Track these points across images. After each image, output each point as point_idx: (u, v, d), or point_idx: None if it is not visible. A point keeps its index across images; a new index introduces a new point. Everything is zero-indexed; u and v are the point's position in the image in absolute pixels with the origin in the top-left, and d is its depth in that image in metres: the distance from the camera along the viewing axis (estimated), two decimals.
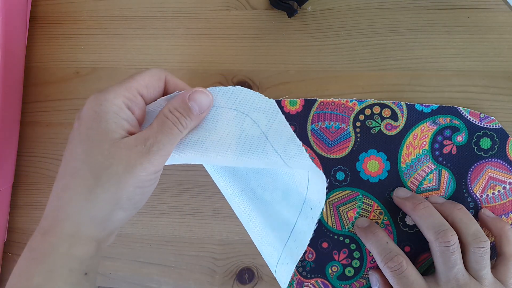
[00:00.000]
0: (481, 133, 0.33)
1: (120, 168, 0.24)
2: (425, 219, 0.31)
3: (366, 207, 0.34)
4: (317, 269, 0.35)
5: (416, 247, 0.34)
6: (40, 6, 0.38)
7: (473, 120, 0.33)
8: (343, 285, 0.35)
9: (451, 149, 0.34)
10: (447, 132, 0.34)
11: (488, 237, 0.30)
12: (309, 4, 0.36)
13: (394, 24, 0.35)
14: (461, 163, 0.34)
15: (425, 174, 0.34)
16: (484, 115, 0.33)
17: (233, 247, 0.36)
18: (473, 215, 0.32)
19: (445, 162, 0.34)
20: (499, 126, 0.33)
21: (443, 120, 0.34)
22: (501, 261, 0.31)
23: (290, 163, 0.27)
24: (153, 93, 0.27)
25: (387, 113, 0.34)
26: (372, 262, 0.34)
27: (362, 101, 0.34)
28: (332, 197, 0.35)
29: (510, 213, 0.33)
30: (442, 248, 0.29)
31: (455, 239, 0.29)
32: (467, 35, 0.34)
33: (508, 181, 0.33)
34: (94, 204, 0.24)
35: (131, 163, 0.24)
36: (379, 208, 0.34)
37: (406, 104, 0.34)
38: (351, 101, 0.34)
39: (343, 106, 0.34)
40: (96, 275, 0.26)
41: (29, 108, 0.38)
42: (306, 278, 0.35)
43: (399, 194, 0.33)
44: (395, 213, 0.34)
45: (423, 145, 0.34)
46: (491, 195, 0.33)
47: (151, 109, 0.27)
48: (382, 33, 0.35)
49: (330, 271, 0.35)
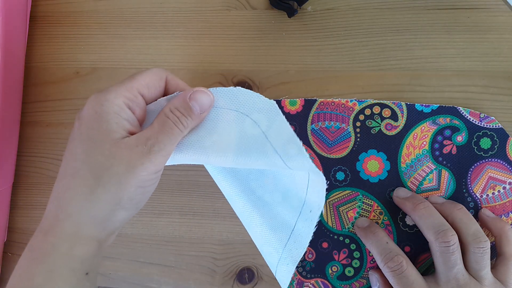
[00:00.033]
0: (481, 133, 0.33)
1: (121, 168, 0.24)
2: (425, 219, 0.31)
3: (366, 207, 0.34)
4: (317, 269, 0.35)
5: (416, 247, 0.34)
6: (40, 6, 0.38)
7: (473, 120, 0.33)
8: (343, 285, 0.35)
9: (451, 149, 0.34)
10: (447, 132, 0.34)
11: (488, 237, 0.30)
12: (309, 4, 0.36)
13: (394, 24, 0.35)
14: (461, 163, 0.34)
15: (425, 174, 0.34)
16: (484, 115, 0.33)
17: (233, 247, 0.36)
18: (473, 215, 0.32)
19: (445, 162, 0.34)
20: (499, 126, 0.33)
21: (443, 120, 0.34)
22: (501, 261, 0.31)
23: (290, 163, 0.27)
24: (154, 92, 0.27)
25: (387, 113, 0.34)
26: (372, 262, 0.34)
27: (362, 101, 0.34)
28: (332, 197, 0.35)
29: (510, 213, 0.33)
30: (442, 248, 0.29)
31: (455, 239, 0.29)
32: (467, 35, 0.34)
33: (508, 181, 0.33)
34: (95, 204, 0.24)
35: (132, 163, 0.24)
36: (379, 208, 0.34)
37: (406, 104, 0.34)
38: (351, 101, 0.34)
39: (343, 106, 0.34)
40: (97, 274, 0.26)
41: (29, 108, 0.38)
42: (306, 278, 0.35)
43: (399, 194, 0.33)
44: (395, 213, 0.34)
45: (423, 145, 0.34)
46: (491, 195, 0.33)
47: (152, 108, 0.27)
48: (382, 33, 0.35)
49: (330, 271, 0.35)
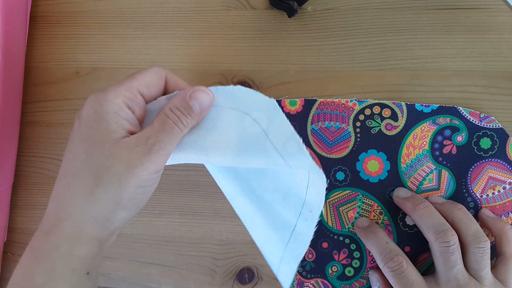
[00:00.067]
0: (481, 133, 0.33)
1: (121, 168, 0.24)
2: (425, 219, 0.31)
3: (366, 207, 0.34)
4: (317, 269, 0.35)
5: (416, 247, 0.34)
6: (40, 6, 0.38)
7: (473, 120, 0.33)
8: (343, 285, 0.35)
9: (451, 149, 0.34)
10: (447, 132, 0.34)
11: (488, 237, 0.30)
12: (309, 4, 0.36)
13: (394, 24, 0.35)
14: (461, 163, 0.34)
15: (425, 174, 0.34)
16: (484, 115, 0.33)
17: (233, 247, 0.36)
18: (473, 215, 0.32)
19: (445, 162, 0.34)
20: (499, 126, 0.33)
21: (443, 120, 0.34)
22: (501, 261, 0.31)
23: (290, 162, 0.27)
24: (153, 92, 0.27)
25: (387, 113, 0.34)
26: (372, 262, 0.34)
27: (362, 101, 0.34)
28: (332, 197, 0.35)
29: (510, 213, 0.33)
30: (442, 248, 0.29)
31: (455, 239, 0.29)
32: (467, 35, 0.34)
33: (508, 181, 0.33)
34: (95, 204, 0.24)
35: (132, 163, 0.24)
36: (379, 208, 0.34)
37: (406, 104, 0.34)
38: (351, 101, 0.34)
39: (343, 106, 0.34)
40: (98, 274, 0.26)
41: (29, 108, 0.38)
42: (306, 278, 0.35)
43: (399, 194, 0.33)
44: (395, 213, 0.34)
45: (423, 145, 0.34)
46: (491, 195, 0.33)
47: (151, 108, 0.27)
48: (382, 33, 0.35)
49: (330, 271, 0.35)
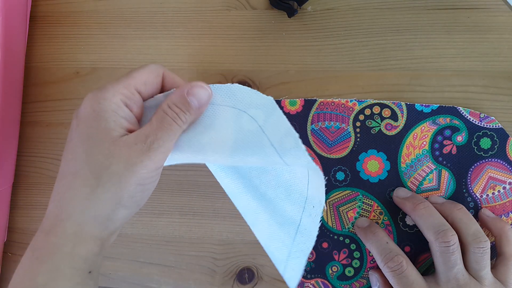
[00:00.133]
0: (481, 133, 0.33)
1: (121, 166, 0.24)
2: (425, 219, 0.31)
3: (366, 207, 0.34)
4: (317, 269, 0.35)
5: (416, 247, 0.34)
6: (40, 6, 0.38)
7: (473, 120, 0.33)
8: (343, 285, 0.35)
9: (451, 149, 0.34)
10: (447, 132, 0.34)
11: (488, 237, 0.30)
12: (309, 4, 0.36)
13: (394, 24, 0.35)
14: (461, 163, 0.34)
15: (425, 174, 0.34)
16: (484, 115, 0.33)
17: (233, 247, 0.36)
18: (473, 215, 0.32)
19: (445, 162, 0.34)
20: (499, 126, 0.33)
21: (443, 120, 0.34)
22: (501, 261, 0.31)
23: (286, 158, 0.27)
24: (150, 89, 0.27)
25: (387, 113, 0.34)
26: (372, 262, 0.34)
27: (362, 101, 0.34)
28: (332, 197, 0.35)
29: (510, 213, 0.33)
30: (442, 248, 0.29)
31: (455, 239, 0.29)
32: (467, 35, 0.34)
33: (508, 181, 0.33)
34: (96, 204, 0.24)
35: (131, 161, 0.24)
36: (379, 208, 0.34)
37: (406, 104, 0.34)
38: (351, 101, 0.34)
39: (343, 106, 0.34)
40: (99, 273, 0.26)
41: (29, 108, 0.38)
42: (306, 279, 0.35)
43: (399, 194, 0.33)
44: (395, 213, 0.34)
45: (423, 145, 0.34)
46: (491, 195, 0.33)
47: (149, 105, 0.27)
48: (382, 33, 0.35)
49: (330, 271, 0.35)
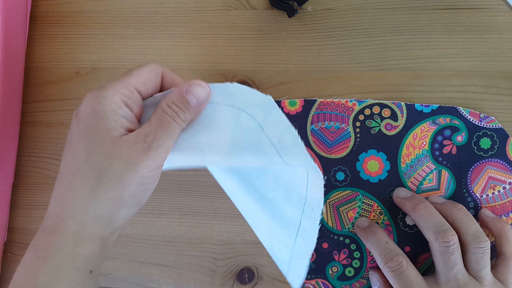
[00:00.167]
0: (481, 133, 0.33)
1: (121, 166, 0.24)
2: (425, 219, 0.31)
3: (366, 207, 0.34)
4: (317, 269, 0.35)
5: (416, 247, 0.34)
6: (40, 6, 0.38)
7: (473, 120, 0.33)
8: (343, 285, 0.35)
9: (451, 149, 0.34)
10: (447, 132, 0.34)
11: (488, 237, 0.30)
12: (309, 4, 0.36)
13: (394, 24, 0.35)
14: (461, 163, 0.34)
15: (425, 174, 0.34)
16: (484, 115, 0.33)
17: (233, 247, 0.36)
18: (473, 215, 0.32)
19: (445, 162, 0.34)
20: (499, 126, 0.33)
21: (443, 120, 0.34)
22: (501, 261, 0.31)
23: (284, 156, 0.27)
24: (150, 88, 0.27)
25: (386, 113, 0.34)
26: (372, 262, 0.34)
27: (361, 101, 0.34)
28: (332, 197, 0.35)
29: (510, 213, 0.33)
30: (442, 248, 0.29)
31: (455, 239, 0.29)
32: (467, 35, 0.34)
33: (508, 181, 0.33)
34: (97, 203, 0.24)
35: (132, 160, 0.24)
36: (379, 208, 0.34)
37: (406, 104, 0.34)
38: (350, 101, 0.34)
39: (342, 106, 0.34)
40: (99, 273, 0.26)
41: (29, 108, 0.38)
42: (306, 279, 0.35)
43: (399, 194, 0.33)
44: (395, 213, 0.34)
45: (423, 145, 0.34)
46: (491, 195, 0.33)
47: (148, 104, 0.27)
48: (382, 33, 0.35)
49: (330, 271, 0.35)
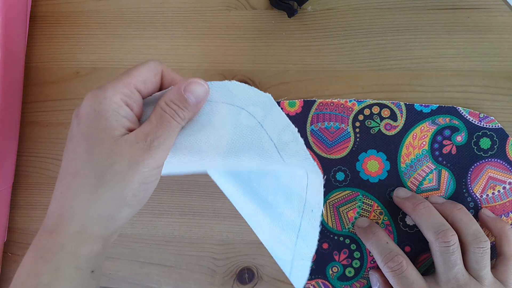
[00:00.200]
0: (480, 133, 0.33)
1: (123, 166, 0.24)
2: (425, 219, 0.31)
3: (366, 207, 0.34)
4: (317, 270, 0.35)
5: (416, 247, 0.34)
6: (40, 6, 0.38)
7: (472, 120, 0.33)
8: (343, 285, 0.35)
9: (451, 149, 0.34)
10: (447, 132, 0.34)
11: (488, 237, 0.30)
12: (309, 4, 0.36)
13: (394, 24, 0.35)
14: (461, 163, 0.34)
15: (425, 174, 0.34)
16: (484, 115, 0.33)
17: (233, 247, 0.36)
18: (473, 215, 0.32)
19: (445, 162, 0.34)
20: (498, 126, 0.33)
21: (443, 120, 0.34)
22: (501, 261, 0.31)
23: (284, 153, 0.27)
24: (150, 87, 0.27)
25: (386, 113, 0.34)
26: (372, 262, 0.34)
27: (361, 101, 0.34)
28: (332, 197, 0.35)
29: (510, 213, 0.33)
30: (442, 248, 0.29)
31: (455, 239, 0.29)
32: (467, 35, 0.34)
33: (508, 181, 0.33)
34: (99, 203, 0.24)
35: (133, 160, 0.24)
36: (379, 208, 0.34)
37: (405, 104, 0.34)
38: (350, 101, 0.34)
39: (342, 106, 0.34)
40: (101, 272, 0.26)
41: (29, 108, 0.38)
42: (306, 280, 0.35)
43: (399, 194, 0.33)
44: (395, 213, 0.34)
45: (422, 145, 0.34)
46: (491, 195, 0.33)
47: (147, 102, 0.27)
48: (382, 33, 0.35)
49: (330, 271, 0.35)
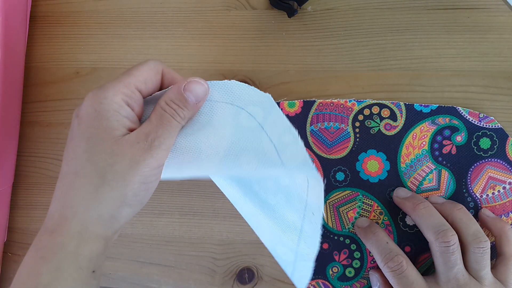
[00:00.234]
0: (480, 133, 0.33)
1: (124, 165, 0.24)
2: (425, 219, 0.31)
3: (366, 207, 0.34)
4: (317, 270, 0.35)
5: (416, 247, 0.34)
6: (40, 6, 0.38)
7: (472, 120, 0.33)
8: (343, 285, 0.35)
9: (451, 149, 0.34)
10: (447, 132, 0.34)
11: (488, 237, 0.30)
12: (309, 4, 0.36)
13: (394, 24, 0.35)
14: (461, 163, 0.34)
15: (425, 174, 0.34)
16: (484, 115, 0.33)
17: (233, 247, 0.36)
18: (473, 215, 0.32)
19: (444, 162, 0.34)
20: (498, 126, 0.33)
21: (442, 120, 0.34)
22: (501, 261, 0.31)
23: (284, 156, 0.27)
24: (150, 87, 0.27)
25: (386, 113, 0.34)
26: (372, 262, 0.34)
27: (361, 101, 0.34)
28: (332, 197, 0.35)
29: (510, 213, 0.33)
30: (442, 248, 0.29)
31: (455, 239, 0.29)
32: (467, 35, 0.34)
33: (508, 181, 0.33)
34: (100, 203, 0.24)
35: (134, 159, 0.24)
36: (379, 208, 0.34)
37: (405, 104, 0.34)
38: (350, 101, 0.34)
39: (342, 106, 0.34)
40: (101, 272, 0.26)
41: (29, 108, 0.38)
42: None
43: (399, 194, 0.33)
44: (395, 213, 0.34)
45: (422, 145, 0.34)
46: (491, 195, 0.33)
47: (148, 101, 0.27)
48: (382, 33, 0.35)
49: (330, 272, 0.35)
